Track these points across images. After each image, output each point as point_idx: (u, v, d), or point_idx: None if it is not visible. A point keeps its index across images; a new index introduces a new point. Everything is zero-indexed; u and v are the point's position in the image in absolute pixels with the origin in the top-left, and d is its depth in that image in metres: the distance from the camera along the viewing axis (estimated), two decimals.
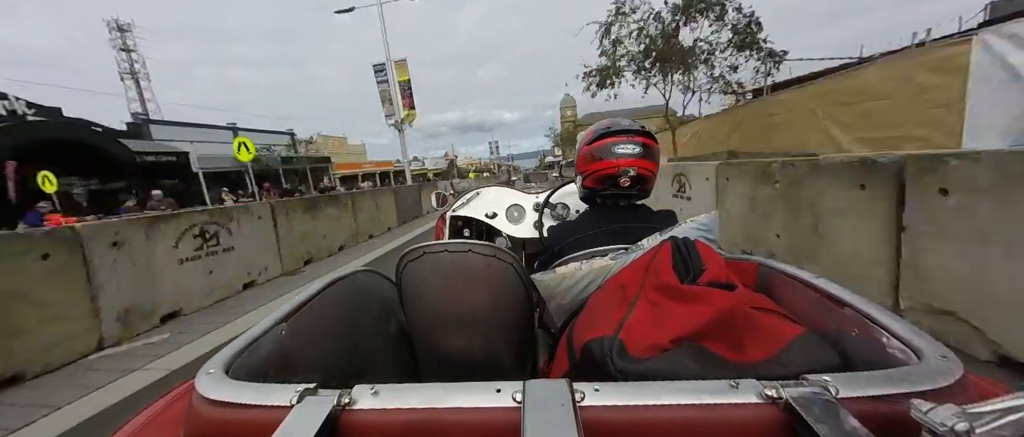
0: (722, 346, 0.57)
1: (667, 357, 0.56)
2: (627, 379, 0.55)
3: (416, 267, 0.95)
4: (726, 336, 0.58)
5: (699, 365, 0.54)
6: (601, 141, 1.08)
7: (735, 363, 0.55)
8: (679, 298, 0.64)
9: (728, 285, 0.66)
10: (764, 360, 0.55)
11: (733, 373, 0.53)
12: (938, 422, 0.31)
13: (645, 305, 0.66)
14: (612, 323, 0.64)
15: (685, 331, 0.58)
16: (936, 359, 0.44)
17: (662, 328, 0.60)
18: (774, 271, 0.79)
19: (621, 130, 1.07)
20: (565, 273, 0.90)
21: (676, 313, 0.62)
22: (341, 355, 0.84)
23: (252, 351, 0.60)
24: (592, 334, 0.63)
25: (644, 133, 1.07)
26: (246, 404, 0.45)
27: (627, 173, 1.04)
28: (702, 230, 0.93)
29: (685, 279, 0.69)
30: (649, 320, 0.63)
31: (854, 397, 0.40)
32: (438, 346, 0.99)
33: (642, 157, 1.04)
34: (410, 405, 0.43)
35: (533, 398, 0.42)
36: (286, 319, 0.69)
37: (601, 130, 1.10)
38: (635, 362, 0.56)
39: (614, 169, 1.05)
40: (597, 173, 1.08)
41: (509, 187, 2.18)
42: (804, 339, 0.58)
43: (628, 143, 1.05)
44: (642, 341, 0.58)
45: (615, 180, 1.06)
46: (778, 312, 0.65)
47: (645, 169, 1.05)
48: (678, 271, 0.71)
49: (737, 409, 0.41)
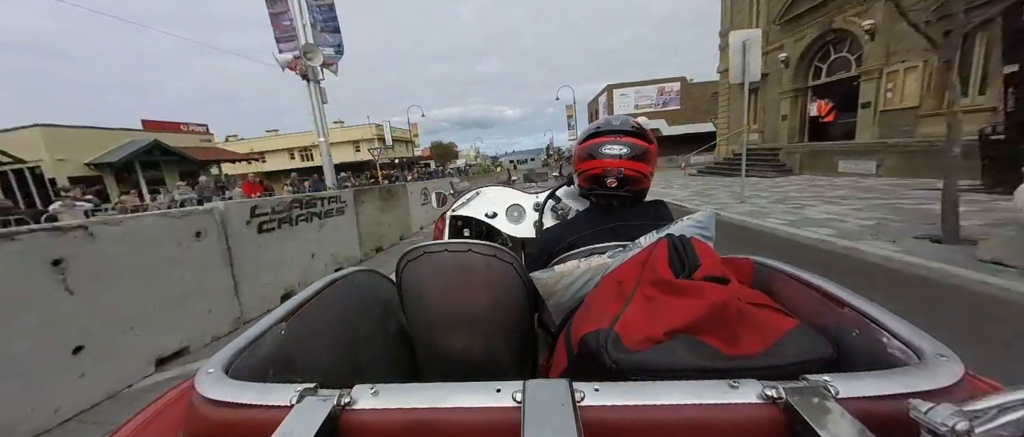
0: (716, 339, 0.58)
1: (661, 348, 0.56)
2: (622, 370, 0.55)
3: (416, 267, 0.95)
4: (720, 329, 0.58)
5: (693, 357, 0.55)
6: (590, 141, 1.07)
7: (729, 355, 0.56)
8: (674, 292, 0.65)
9: (722, 279, 0.66)
10: (758, 352, 0.56)
11: (727, 365, 0.54)
12: (938, 422, 0.31)
13: (641, 299, 0.67)
14: (608, 316, 0.64)
15: (679, 323, 0.58)
16: (936, 359, 0.44)
17: (657, 321, 0.60)
18: (770, 269, 0.80)
19: (610, 130, 1.06)
20: (563, 271, 0.91)
21: (671, 306, 0.62)
22: (341, 355, 0.84)
23: (252, 351, 0.60)
24: (588, 327, 0.64)
25: (635, 133, 1.05)
26: (246, 404, 0.45)
27: (613, 174, 1.03)
28: (698, 227, 0.94)
29: (680, 274, 0.70)
30: (644, 314, 0.63)
31: (854, 397, 0.40)
32: (438, 346, 0.99)
33: (630, 158, 1.03)
34: (410, 405, 0.43)
35: (533, 398, 0.42)
36: (286, 319, 0.69)
37: (591, 129, 1.10)
38: (630, 353, 0.56)
39: (600, 170, 1.04)
40: (586, 173, 1.08)
41: (509, 187, 2.18)
42: (798, 332, 0.58)
43: (616, 144, 1.04)
44: (637, 334, 0.59)
45: (602, 180, 1.05)
46: (773, 307, 0.65)
47: (633, 170, 1.03)
48: (674, 267, 0.72)
49: (737, 409, 0.41)
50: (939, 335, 0.48)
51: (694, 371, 0.53)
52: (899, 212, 5.50)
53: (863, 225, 4.92)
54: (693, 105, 30.71)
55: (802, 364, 0.53)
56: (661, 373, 0.53)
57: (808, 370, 0.45)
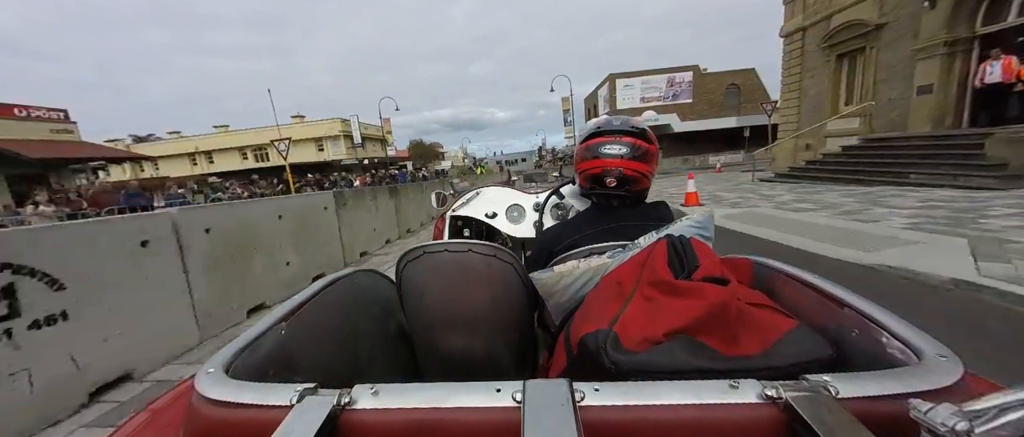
0: (715, 339, 0.58)
1: (660, 349, 0.56)
2: (621, 371, 0.55)
3: (416, 267, 0.95)
4: (719, 329, 0.58)
5: (692, 357, 0.55)
6: (590, 140, 1.07)
7: (728, 356, 0.56)
8: (673, 293, 0.65)
9: (721, 280, 0.66)
10: (757, 353, 0.56)
11: (726, 366, 0.54)
12: (938, 422, 0.31)
13: (640, 300, 0.67)
14: (607, 317, 0.64)
15: (678, 324, 0.58)
16: (936, 359, 0.44)
17: (656, 322, 0.60)
18: (769, 269, 0.80)
19: (611, 130, 1.05)
20: (563, 272, 0.90)
21: (670, 307, 0.62)
22: (341, 355, 0.84)
23: (252, 351, 0.60)
24: (587, 328, 0.64)
25: (635, 133, 1.05)
26: (246, 404, 0.45)
27: (612, 174, 1.03)
28: (697, 228, 0.94)
29: (680, 275, 0.70)
30: (643, 314, 0.63)
31: (854, 397, 0.40)
32: (438, 346, 0.99)
33: (630, 158, 1.02)
34: (410, 405, 0.43)
35: (533, 398, 0.42)
36: (286, 319, 0.69)
37: (591, 129, 1.09)
38: (629, 354, 0.56)
39: (599, 169, 1.04)
40: (586, 172, 1.08)
41: (509, 187, 2.19)
42: (797, 332, 0.58)
43: (616, 144, 1.03)
44: (636, 334, 0.59)
45: (602, 180, 1.05)
46: (772, 307, 0.65)
47: (632, 170, 1.03)
48: (673, 267, 0.72)
49: (737, 409, 0.41)
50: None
51: (693, 372, 0.53)
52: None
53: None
54: (707, 98, 27.70)
55: (801, 365, 0.53)
56: (660, 374, 0.53)
57: (807, 371, 0.45)
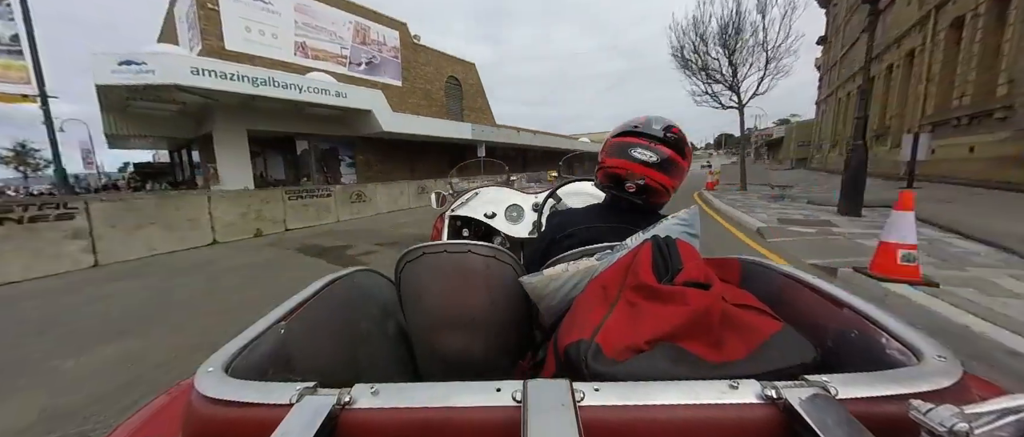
0: (699, 345, 0.57)
1: (642, 358, 0.55)
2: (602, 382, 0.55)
3: (415, 267, 0.95)
4: (703, 335, 0.58)
5: (674, 366, 0.54)
6: (623, 138, 1.03)
7: (711, 362, 0.55)
8: (656, 298, 0.64)
9: (704, 284, 0.65)
10: (742, 358, 0.55)
11: (710, 374, 0.53)
12: (937, 423, 0.32)
13: (624, 306, 0.66)
14: (590, 326, 0.63)
15: (660, 332, 0.57)
16: (935, 360, 0.44)
17: (639, 329, 0.59)
18: (759, 268, 0.80)
19: (647, 134, 1.00)
20: (553, 275, 0.89)
21: (652, 313, 0.61)
22: (341, 354, 0.84)
23: (251, 350, 0.60)
24: (570, 337, 0.63)
25: (672, 144, 0.99)
26: (246, 403, 0.45)
27: (634, 179, 0.99)
28: (683, 226, 0.92)
29: (664, 278, 0.69)
30: (627, 321, 0.62)
31: (854, 398, 0.40)
32: (437, 346, 0.99)
33: (657, 168, 0.97)
34: (410, 404, 0.43)
35: (533, 398, 0.42)
36: (285, 318, 0.69)
37: (628, 126, 1.04)
38: (610, 364, 0.55)
39: (623, 171, 1.00)
40: (608, 169, 1.04)
41: (509, 187, 2.19)
42: (782, 335, 0.57)
43: (648, 150, 0.98)
44: (619, 343, 0.58)
45: (622, 182, 1.01)
46: (758, 308, 0.64)
47: (655, 181, 0.98)
48: (657, 270, 0.70)
49: (737, 409, 0.41)
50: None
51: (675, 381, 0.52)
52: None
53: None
54: (423, 88, 18.59)
55: (786, 369, 0.52)
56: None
57: (792, 375, 0.45)
